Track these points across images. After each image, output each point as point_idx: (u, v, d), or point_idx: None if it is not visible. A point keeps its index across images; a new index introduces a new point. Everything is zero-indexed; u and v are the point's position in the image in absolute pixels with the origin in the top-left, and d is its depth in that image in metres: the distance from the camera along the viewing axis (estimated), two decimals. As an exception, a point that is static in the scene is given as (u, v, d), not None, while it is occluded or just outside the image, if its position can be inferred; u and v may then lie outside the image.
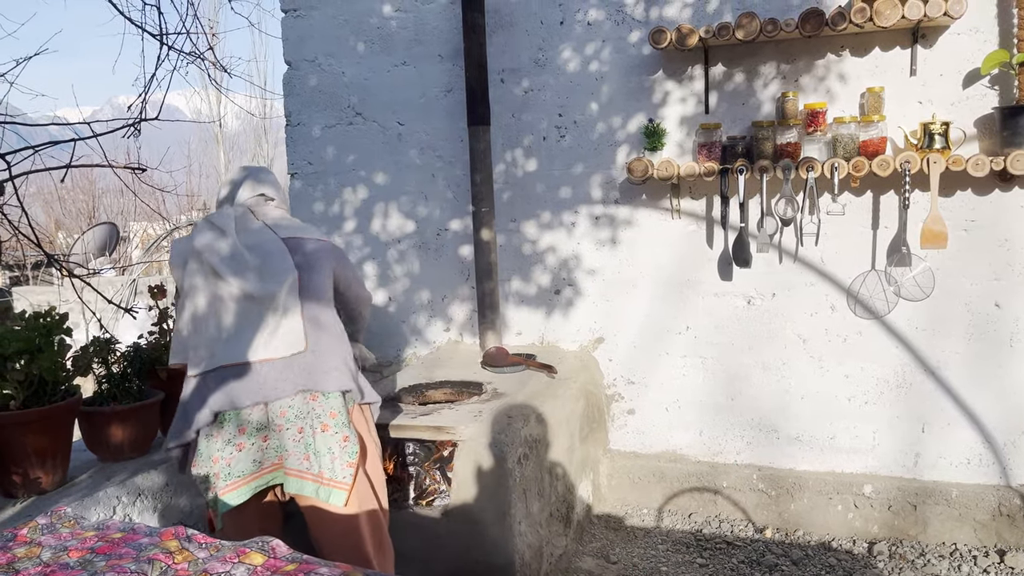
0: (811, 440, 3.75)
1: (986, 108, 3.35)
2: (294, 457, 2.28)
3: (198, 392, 2.31)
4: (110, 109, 16.62)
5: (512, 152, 4.10)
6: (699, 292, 3.86)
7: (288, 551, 1.38)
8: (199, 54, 4.00)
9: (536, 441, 3.11)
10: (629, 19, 3.82)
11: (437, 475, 3.18)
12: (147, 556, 1.35)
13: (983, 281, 3.45)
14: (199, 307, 2.36)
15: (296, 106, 4.45)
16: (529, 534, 2.94)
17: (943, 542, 3.49)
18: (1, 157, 2.80)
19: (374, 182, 4.36)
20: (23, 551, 1.39)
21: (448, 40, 4.11)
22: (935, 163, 3.25)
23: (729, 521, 3.77)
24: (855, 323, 3.64)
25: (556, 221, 4.08)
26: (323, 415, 2.29)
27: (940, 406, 3.55)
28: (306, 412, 2.29)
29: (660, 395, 3.98)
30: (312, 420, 2.28)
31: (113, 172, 3.57)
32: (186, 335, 2.38)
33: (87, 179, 14.50)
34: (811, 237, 3.56)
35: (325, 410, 2.29)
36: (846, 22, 3.27)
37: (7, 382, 2.50)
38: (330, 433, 2.28)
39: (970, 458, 3.53)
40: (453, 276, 4.29)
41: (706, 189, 3.78)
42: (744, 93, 3.70)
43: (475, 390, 3.43)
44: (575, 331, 4.12)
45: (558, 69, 3.97)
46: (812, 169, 3.42)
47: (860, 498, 3.60)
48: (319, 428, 2.28)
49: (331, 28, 4.31)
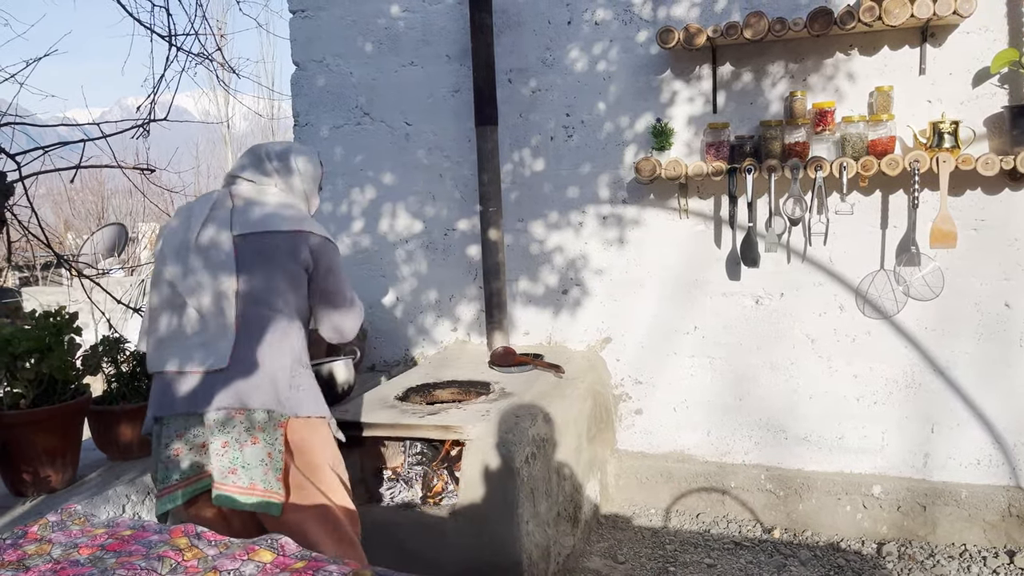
0: (819, 440, 3.74)
1: (996, 107, 3.34)
2: (219, 471, 2.15)
3: (151, 392, 2.27)
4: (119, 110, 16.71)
5: (520, 152, 4.10)
6: (707, 292, 3.86)
7: (297, 548, 1.39)
8: (207, 55, 4.01)
9: (544, 441, 3.11)
10: (637, 19, 3.82)
11: (444, 474, 3.19)
12: (157, 553, 1.35)
13: (993, 281, 3.43)
14: (155, 299, 2.29)
15: (304, 106, 4.46)
16: (536, 534, 2.94)
17: (952, 543, 3.47)
18: (11, 158, 2.81)
19: (382, 182, 4.37)
20: (34, 548, 1.40)
21: (456, 40, 4.11)
22: (944, 162, 3.24)
23: (737, 521, 3.76)
24: (864, 323, 3.63)
25: (564, 221, 4.08)
26: (252, 428, 2.17)
27: (949, 406, 3.54)
28: (232, 426, 2.16)
29: (668, 395, 3.98)
30: (239, 434, 2.16)
31: (122, 173, 3.58)
32: (145, 326, 2.33)
33: (96, 180, 14.53)
34: (820, 237, 3.55)
35: (252, 424, 2.17)
36: (855, 21, 3.26)
37: (18, 381, 2.52)
38: (260, 446, 2.16)
39: (980, 459, 3.52)
40: (460, 276, 4.29)
41: (714, 189, 3.78)
42: (752, 92, 3.69)
43: (482, 390, 3.43)
44: (582, 331, 4.12)
45: (566, 69, 3.96)
46: (821, 168, 3.41)
47: (869, 499, 3.58)
48: (248, 441, 2.16)
49: (339, 29, 4.32)
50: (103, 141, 3.20)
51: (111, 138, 3.25)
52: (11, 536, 1.45)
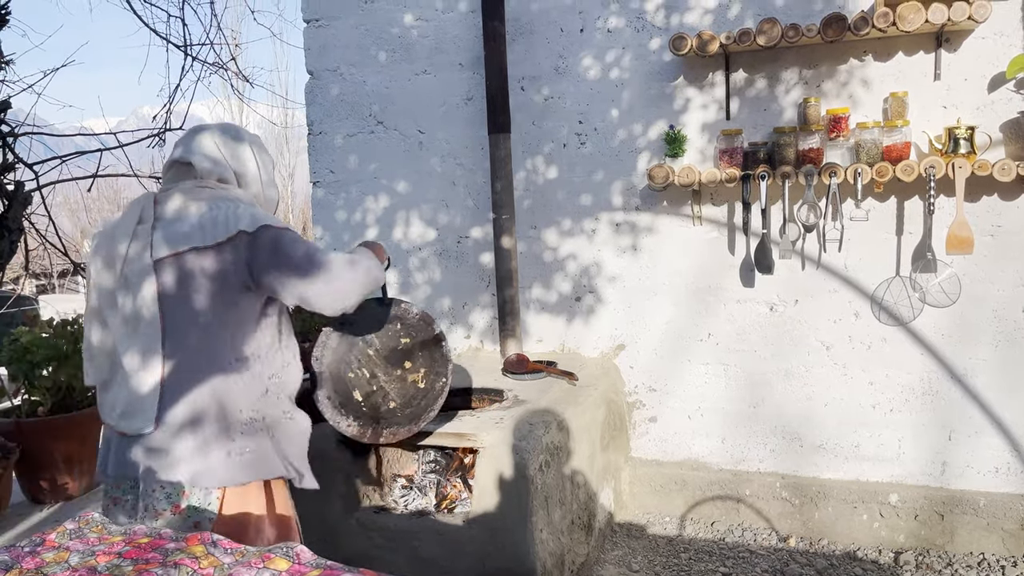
0: (835, 448, 3.72)
1: (1012, 112, 3.31)
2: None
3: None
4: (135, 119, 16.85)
5: (532, 159, 4.11)
6: (721, 299, 3.84)
7: (312, 557, 1.39)
8: (222, 64, 4.06)
9: (557, 448, 3.10)
10: (649, 26, 3.82)
11: (458, 482, 3.19)
12: (173, 561, 1.36)
13: (1010, 287, 3.40)
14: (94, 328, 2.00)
15: (318, 115, 4.49)
16: (550, 542, 2.93)
17: (971, 552, 3.43)
18: (29, 167, 2.85)
19: (395, 190, 4.38)
20: (52, 556, 1.41)
21: (468, 48, 4.13)
22: (960, 168, 3.22)
23: (752, 530, 3.74)
24: (879, 330, 3.60)
25: (577, 228, 4.08)
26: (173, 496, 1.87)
27: (967, 414, 3.51)
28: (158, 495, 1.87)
29: (682, 402, 3.96)
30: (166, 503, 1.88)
31: (138, 181, 3.61)
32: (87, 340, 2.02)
33: (112, 188, 14.68)
34: (834, 243, 3.53)
35: (176, 492, 1.86)
36: (869, 27, 3.25)
37: (36, 389, 2.54)
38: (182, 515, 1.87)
39: (998, 467, 3.48)
40: (474, 283, 4.29)
41: (728, 195, 3.77)
42: (765, 99, 3.68)
43: (496, 397, 3.43)
44: (596, 338, 4.11)
45: (578, 76, 3.97)
46: (835, 175, 3.40)
47: (886, 507, 3.56)
48: (170, 511, 1.87)
49: (353, 38, 4.35)
50: (119, 150, 3.24)
51: (127, 147, 3.29)
52: (29, 544, 1.47)
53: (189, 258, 1.85)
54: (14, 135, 2.66)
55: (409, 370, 2.65)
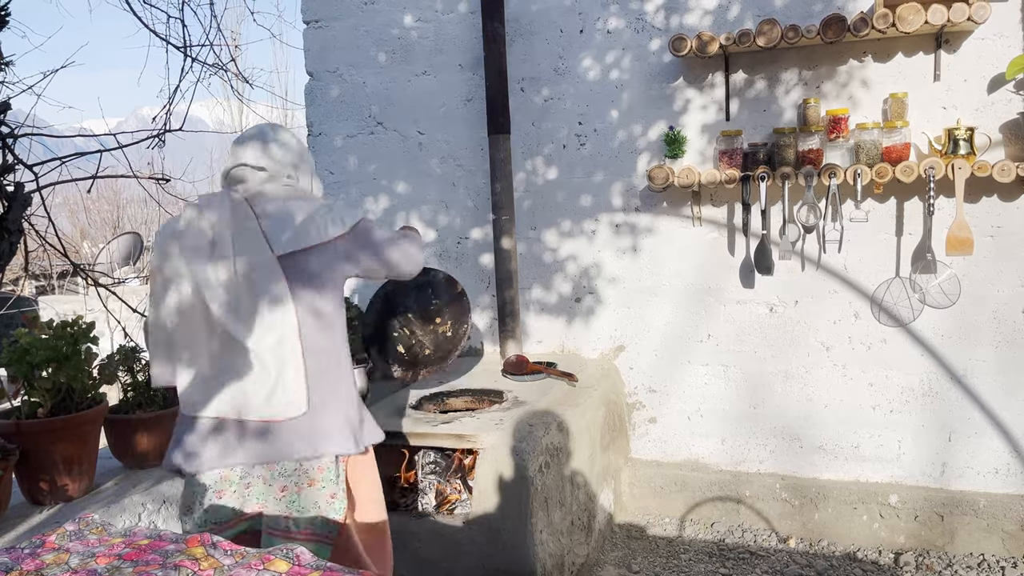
0: (835, 449, 3.71)
1: (1011, 113, 3.31)
2: (272, 516, 2.08)
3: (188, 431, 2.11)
4: (135, 120, 16.85)
5: (532, 161, 4.11)
6: (721, 300, 3.84)
7: (312, 559, 1.39)
8: (222, 65, 4.04)
9: (557, 449, 3.10)
10: (649, 27, 3.82)
11: (458, 483, 3.19)
12: (173, 563, 1.36)
13: (1010, 288, 3.40)
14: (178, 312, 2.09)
15: (318, 116, 4.49)
16: (550, 543, 2.93)
17: (971, 553, 3.43)
18: (29, 168, 2.84)
19: (395, 191, 4.38)
20: (51, 557, 1.41)
21: (468, 50, 4.13)
22: (960, 169, 3.22)
23: (752, 531, 3.74)
24: (879, 331, 3.60)
25: (576, 229, 4.08)
26: (311, 471, 2.08)
27: (967, 415, 3.51)
28: (291, 470, 2.09)
29: (682, 403, 3.96)
30: (298, 477, 2.08)
31: (138, 183, 3.60)
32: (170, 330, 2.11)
33: (112, 189, 14.65)
34: (834, 244, 3.53)
35: (313, 467, 2.08)
36: (868, 28, 3.25)
37: (35, 390, 2.53)
38: (317, 488, 2.08)
39: (998, 468, 3.48)
40: (474, 284, 4.29)
41: (727, 196, 3.77)
42: (765, 100, 3.68)
43: (496, 398, 3.43)
44: (596, 339, 4.11)
45: (578, 77, 3.97)
46: (835, 175, 3.40)
47: (886, 508, 3.55)
48: (305, 484, 2.08)
49: (352, 39, 4.35)
50: (119, 151, 3.23)
51: (127, 148, 3.28)
52: (29, 545, 1.46)
53: (306, 254, 2.08)
54: (14, 136, 2.65)
55: (439, 324, 3.27)
